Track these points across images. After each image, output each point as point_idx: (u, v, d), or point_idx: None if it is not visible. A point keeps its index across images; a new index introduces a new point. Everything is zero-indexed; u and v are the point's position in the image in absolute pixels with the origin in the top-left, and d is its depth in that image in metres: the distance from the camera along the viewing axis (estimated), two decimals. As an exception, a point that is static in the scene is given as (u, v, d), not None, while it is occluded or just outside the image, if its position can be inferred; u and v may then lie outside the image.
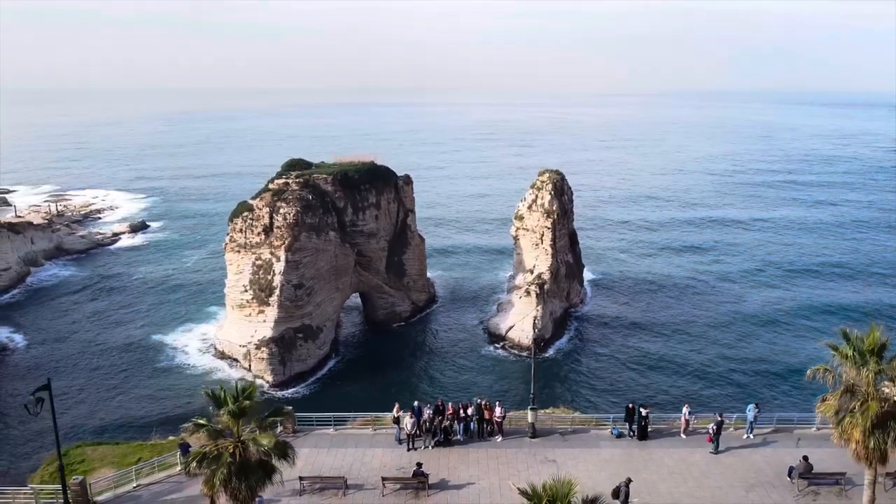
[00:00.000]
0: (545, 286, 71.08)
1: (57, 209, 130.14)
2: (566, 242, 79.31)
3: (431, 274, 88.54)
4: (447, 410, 37.71)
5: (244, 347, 64.79)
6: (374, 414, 40.35)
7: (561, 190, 78.09)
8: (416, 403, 37.66)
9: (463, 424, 37.76)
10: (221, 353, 68.28)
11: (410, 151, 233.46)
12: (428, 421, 36.70)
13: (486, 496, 32.38)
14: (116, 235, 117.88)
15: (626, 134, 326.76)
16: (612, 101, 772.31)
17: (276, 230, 66.49)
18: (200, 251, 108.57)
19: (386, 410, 39.98)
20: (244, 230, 67.86)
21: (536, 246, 75.03)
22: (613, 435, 38.19)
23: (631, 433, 37.95)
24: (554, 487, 22.10)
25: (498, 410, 37.97)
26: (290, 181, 69.93)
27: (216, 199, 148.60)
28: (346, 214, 73.44)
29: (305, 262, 66.44)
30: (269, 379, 62.84)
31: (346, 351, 72.35)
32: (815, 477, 32.66)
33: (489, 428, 38.17)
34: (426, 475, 32.95)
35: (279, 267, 65.07)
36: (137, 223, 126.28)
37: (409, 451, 36.41)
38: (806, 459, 32.84)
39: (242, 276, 66.83)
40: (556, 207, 75.08)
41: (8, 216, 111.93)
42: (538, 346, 64.32)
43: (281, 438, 28.09)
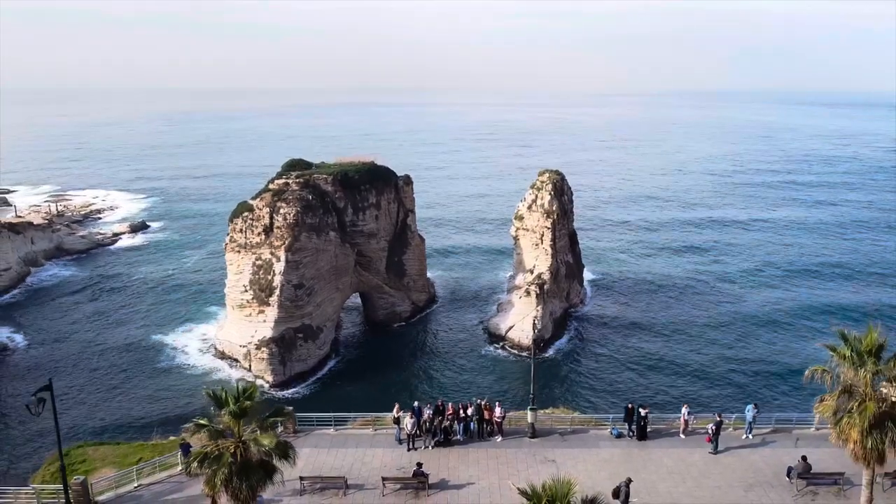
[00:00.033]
0: (545, 286, 71.20)
1: (57, 209, 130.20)
2: (566, 242, 79.43)
3: (431, 274, 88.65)
4: (447, 411, 37.82)
5: (244, 347, 64.89)
6: (374, 414, 40.45)
7: (561, 190, 78.22)
8: (416, 404, 37.78)
9: (463, 425, 37.87)
10: (221, 353, 68.39)
11: (410, 151, 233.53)
12: (428, 421, 36.81)
13: (485, 496, 32.49)
14: (116, 235, 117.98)
15: (626, 134, 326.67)
16: (612, 101, 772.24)
17: (276, 230, 66.60)
18: (200, 251, 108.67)
19: (386, 410, 40.09)
20: (244, 230, 67.97)
21: (536, 246, 75.15)
22: (613, 435, 38.28)
23: (630, 433, 38.03)
24: (553, 487, 22.18)
25: (498, 411, 38.08)
26: (290, 181, 70.05)
27: (216, 199, 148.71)
28: (346, 214, 73.56)
29: (305, 262, 66.56)
30: (269, 379, 62.95)
31: (346, 351, 72.44)
32: (813, 477, 32.77)
33: (489, 428, 38.28)
34: (426, 475, 33.06)
35: (279, 267, 65.19)
36: (137, 223, 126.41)
37: (409, 451, 36.51)
38: (804, 459, 32.94)
39: (242, 276, 66.94)
40: (555, 207, 75.20)
41: (8, 216, 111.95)
42: (538, 346, 64.46)
43: (282, 438, 28.17)
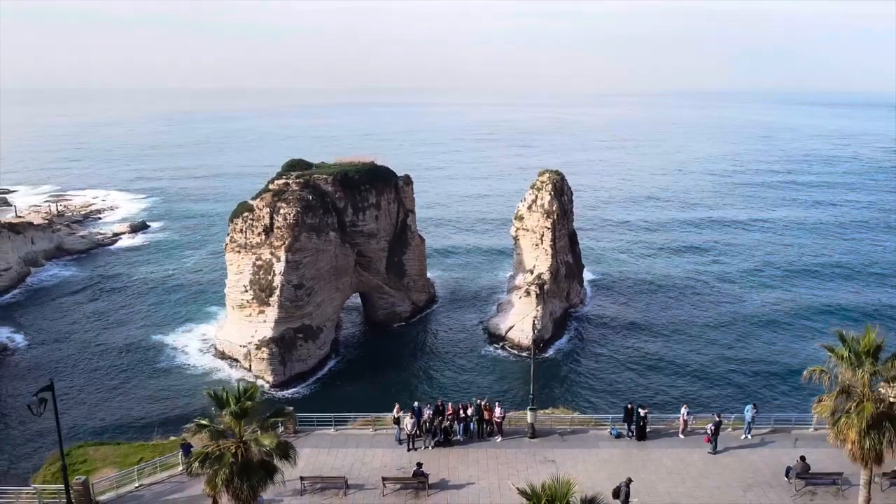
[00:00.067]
0: (545, 286, 71.28)
1: (57, 209, 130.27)
2: (566, 243, 79.51)
3: (431, 274, 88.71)
4: (447, 411, 37.92)
5: (244, 348, 64.97)
6: (374, 414, 40.57)
7: (561, 190, 78.30)
8: (416, 404, 37.89)
9: (463, 425, 37.97)
10: (222, 353, 68.46)
11: (410, 152, 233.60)
12: (428, 421, 36.91)
13: (485, 496, 32.58)
14: (117, 235, 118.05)
15: (626, 134, 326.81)
16: (612, 101, 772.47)
17: (276, 230, 66.68)
18: (201, 251, 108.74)
19: (386, 411, 40.21)
20: (244, 230, 68.05)
21: (536, 246, 75.22)
22: (612, 435, 38.37)
23: (630, 433, 38.12)
24: (553, 487, 22.27)
25: (497, 411, 38.17)
26: (290, 181, 70.12)
27: (216, 199, 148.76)
28: (346, 215, 73.65)
29: (306, 262, 66.64)
30: (269, 379, 63.02)
31: (346, 351, 72.50)
32: (812, 477, 32.87)
33: (489, 428, 38.38)
34: (426, 475, 33.15)
35: (279, 267, 65.27)
36: (138, 223, 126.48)
37: (409, 451, 36.61)
38: (803, 459, 33.04)
39: (243, 276, 67.02)
40: (555, 208, 75.28)
41: (8, 216, 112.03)
42: (538, 346, 64.56)
43: (282, 439, 28.26)
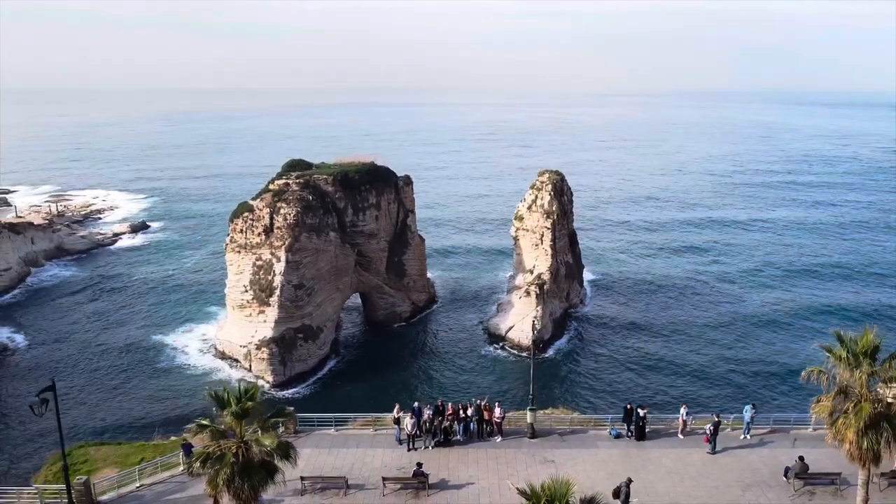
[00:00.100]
0: (545, 286, 71.36)
1: (57, 209, 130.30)
2: (566, 243, 79.60)
3: (431, 274, 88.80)
4: (447, 411, 38.02)
5: (245, 348, 65.07)
6: (374, 414, 40.72)
7: (560, 190, 78.39)
8: (416, 404, 37.99)
9: (462, 425, 38.06)
10: (222, 353, 68.54)
11: (410, 152, 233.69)
12: (428, 421, 37.01)
13: (485, 496, 32.68)
14: (117, 236, 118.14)
15: (625, 134, 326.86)
16: (612, 101, 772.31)
17: (276, 231, 66.77)
18: (201, 251, 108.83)
19: (386, 411, 40.36)
20: (245, 230, 68.13)
21: (536, 246, 75.31)
22: (612, 435, 38.46)
23: (629, 434, 38.22)
24: (552, 487, 22.36)
25: (497, 411, 38.26)
26: (290, 182, 70.22)
27: (216, 199, 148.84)
28: (346, 215, 73.76)
29: (306, 262, 66.74)
30: (269, 379, 63.11)
31: (346, 351, 72.59)
32: (810, 477, 32.98)
33: (489, 428, 38.47)
34: (426, 475, 33.25)
35: (279, 267, 65.36)
36: (138, 223, 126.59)
37: (409, 451, 36.71)
38: (802, 460, 33.15)
39: (243, 276, 67.11)
40: (555, 208, 75.38)
41: (8, 216, 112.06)
42: (538, 346, 64.68)
43: (283, 439, 28.37)
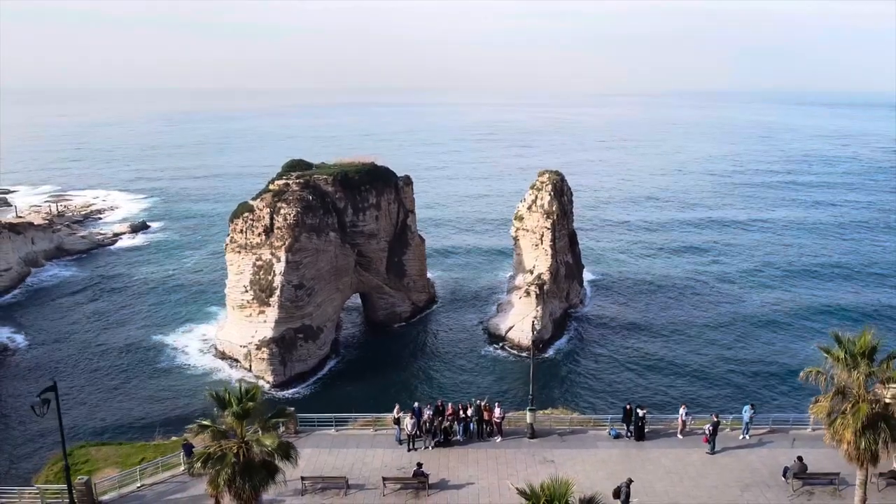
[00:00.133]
0: (545, 287, 71.44)
1: (57, 209, 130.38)
2: (566, 243, 79.68)
3: (431, 274, 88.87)
4: (447, 411, 38.13)
5: (245, 348, 65.16)
6: (374, 415, 40.83)
7: (560, 190, 78.47)
8: (416, 404, 38.11)
9: (462, 425, 38.17)
10: (222, 353, 68.62)
11: (410, 152, 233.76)
12: (428, 422, 37.11)
13: (485, 496, 32.78)
14: (117, 236, 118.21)
15: (625, 134, 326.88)
16: (612, 101, 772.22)
17: (276, 231, 66.85)
18: (201, 251, 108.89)
19: (386, 411, 40.48)
20: (245, 231, 68.21)
21: (536, 246, 75.40)
22: (611, 435, 38.58)
23: (628, 434, 38.33)
24: (551, 487, 22.48)
25: (497, 411, 38.36)
26: (290, 182, 70.31)
27: (216, 199, 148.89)
28: (346, 215, 73.85)
29: (306, 262, 66.83)
30: (269, 379, 63.19)
31: (346, 351, 72.67)
32: (809, 477, 33.09)
33: (488, 429, 38.58)
34: (426, 475, 33.34)
35: (280, 267, 65.44)
36: (138, 223, 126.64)
37: (409, 451, 36.81)
38: (800, 460, 33.26)
39: (243, 276, 67.20)
40: (555, 208, 75.46)
41: (8, 216, 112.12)
42: (537, 346, 64.76)
43: (283, 439, 28.48)
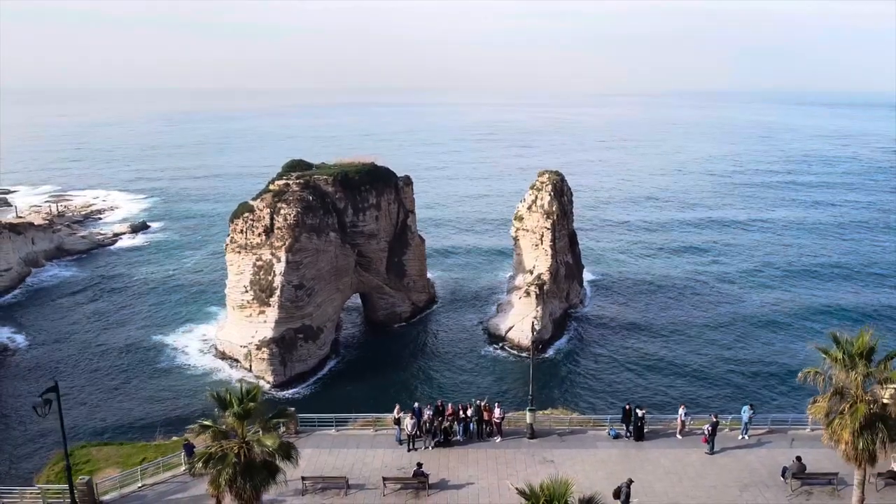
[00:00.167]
0: (545, 287, 71.51)
1: (57, 210, 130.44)
2: (566, 243, 79.76)
3: (431, 274, 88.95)
4: (447, 411, 38.21)
5: (245, 348, 65.23)
6: (374, 415, 40.92)
7: (560, 191, 78.55)
8: (416, 405, 38.21)
9: (462, 425, 38.26)
10: (222, 353, 68.70)
11: (410, 152, 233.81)
12: (428, 422, 37.20)
13: (484, 496, 32.87)
14: (117, 236, 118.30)
15: (625, 134, 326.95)
16: (612, 101, 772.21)
17: (276, 231, 66.93)
18: (201, 252, 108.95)
19: (386, 411, 40.58)
20: (245, 231, 68.28)
21: (536, 247, 75.48)
22: (610, 436, 38.66)
23: (628, 434, 38.42)
24: (551, 487, 22.57)
25: (497, 411, 38.45)
26: (290, 182, 70.38)
27: (216, 199, 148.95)
28: (346, 215, 73.93)
29: (306, 262, 66.91)
30: (269, 379, 63.27)
31: (346, 351, 72.75)
32: (808, 477, 33.18)
33: (488, 429, 38.67)
34: (426, 475, 33.43)
35: (280, 268, 65.53)
36: (138, 223, 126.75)
37: (409, 451, 36.90)
38: (799, 460, 33.35)
39: (243, 276, 67.28)
40: (555, 208, 75.54)
41: (9, 217, 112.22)
42: (537, 346, 64.83)
43: (284, 439, 28.57)
